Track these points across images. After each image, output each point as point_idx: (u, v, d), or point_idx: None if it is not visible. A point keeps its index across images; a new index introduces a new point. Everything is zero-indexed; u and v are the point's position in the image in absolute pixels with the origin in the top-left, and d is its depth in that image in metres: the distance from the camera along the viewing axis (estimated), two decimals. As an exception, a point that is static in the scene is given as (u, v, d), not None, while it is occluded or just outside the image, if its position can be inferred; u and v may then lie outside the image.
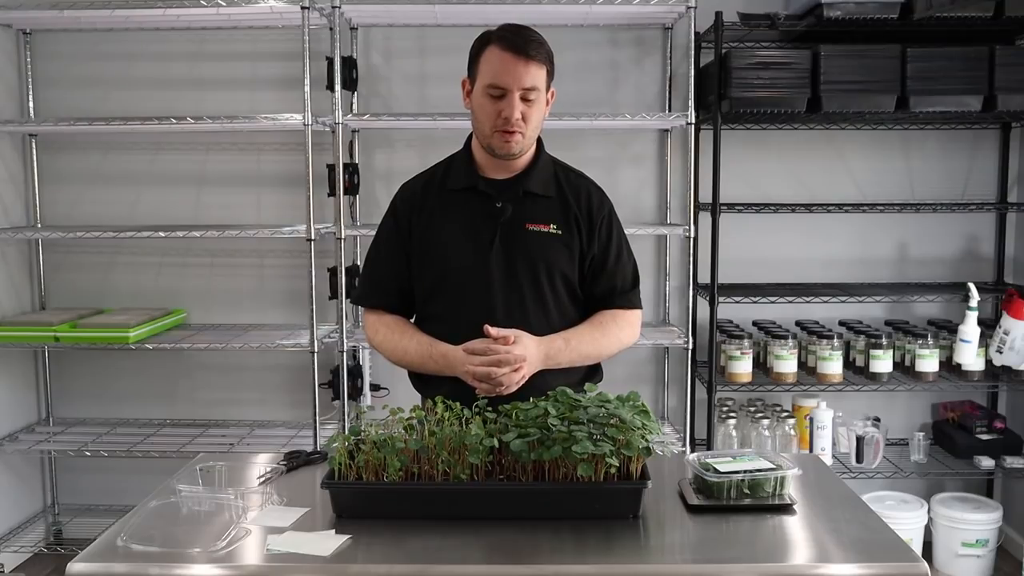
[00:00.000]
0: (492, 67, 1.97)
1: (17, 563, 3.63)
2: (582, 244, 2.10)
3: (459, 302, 2.05)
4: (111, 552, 1.56)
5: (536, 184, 2.09)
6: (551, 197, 2.10)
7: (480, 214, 2.07)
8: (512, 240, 2.06)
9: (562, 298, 2.10)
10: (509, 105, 1.97)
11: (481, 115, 2.02)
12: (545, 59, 2.00)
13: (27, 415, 3.74)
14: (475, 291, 2.04)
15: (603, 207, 2.14)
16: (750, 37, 3.49)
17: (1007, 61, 3.21)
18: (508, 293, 2.05)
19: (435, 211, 2.10)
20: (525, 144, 2.04)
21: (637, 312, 2.20)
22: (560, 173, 2.15)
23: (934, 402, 3.77)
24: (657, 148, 3.70)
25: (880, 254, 3.75)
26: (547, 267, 2.07)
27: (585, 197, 2.13)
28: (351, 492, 1.70)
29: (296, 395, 3.71)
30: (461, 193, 2.10)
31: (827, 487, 1.89)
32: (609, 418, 1.70)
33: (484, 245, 2.05)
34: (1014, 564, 3.61)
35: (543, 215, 2.08)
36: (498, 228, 2.06)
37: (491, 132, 2.01)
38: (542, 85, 2.01)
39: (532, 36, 2.00)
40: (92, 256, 3.77)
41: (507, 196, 2.07)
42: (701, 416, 3.49)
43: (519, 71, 1.95)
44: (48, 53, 3.67)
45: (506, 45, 1.97)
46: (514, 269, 2.05)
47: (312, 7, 3.20)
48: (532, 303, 2.06)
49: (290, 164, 3.64)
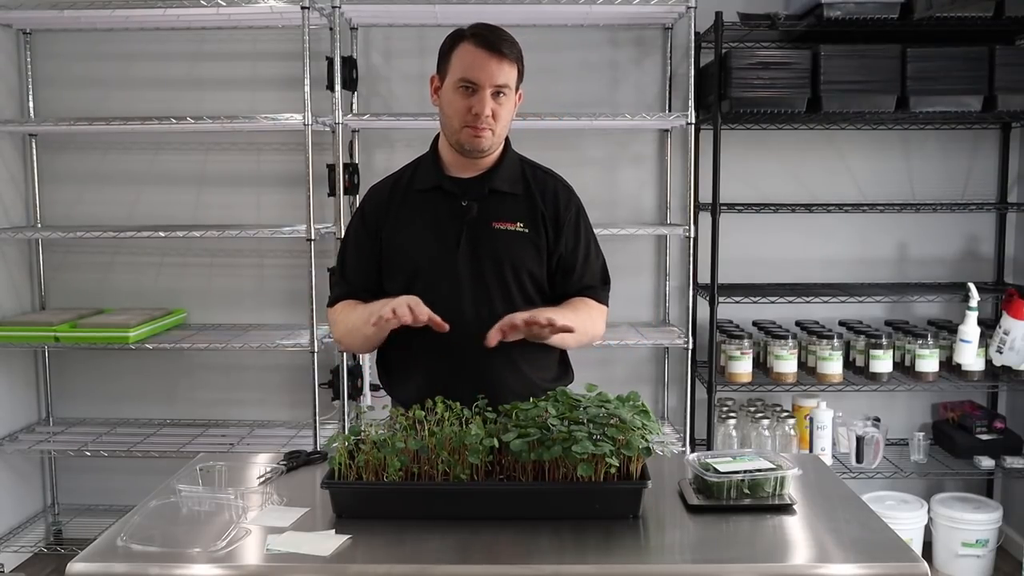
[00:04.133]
0: (464, 63, 1.98)
1: (17, 563, 3.63)
2: (549, 242, 2.08)
3: (428, 303, 2.01)
4: (111, 552, 1.56)
5: (502, 182, 2.08)
6: (518, 195, 2.09)
7: (446, 213, 2.06)
8: (478, 239, 2.05)
9: (531, 296, 2.08)
10: (480, 101, 1.96)
11: (450, 111, 2.01)
12: (516, 59, 2.01)
13: (27, 415, 3.74)
14: (443, 291, 2.03)
15: (571, 205, 2.13)
16: (750, 37, 3.49)
17: (1007, 61, 3.21)
18: (476, 292, 2.04)
19: (402, 212, 2.10)
20: (495, 141, 2.03)
21: (605, 308, 2.17)
22: (528, 171, 2.14)
23: (934, 402, 3.77)
24: (657, 148, 3.70)
25: (880, 254, 3.75)
26: (514, 266, 2.05)
27: (552, 195, 2.11)
28: (351, 492, 1.69)
29: (296, 395, 3.71)
30: (427, 193, 2.09)
31: (827, 487, 1.89)
32: (609, 418, 1.70)
33: (451, 245, 2.04)
34: (1014, 564, 3.61)
35: (509, 213, 2.07)
36: (464, 227, 2.05)
37: (460, 127, 2.00)
38: (513, 84, 2.01)
39: (505, 36, 2.01)
40: (92, 256, 3.77)
41: (473, 195, 2.06)
42: (701, 416, 3.49)
43: (492, 68, 1.96)
44: (48, 53, 3.67)
45: (479, 42, 1.97)
46: (481, 268, 2.04)
47: (312, 7, 3.20)
48: (500, 302, 2.04)
49: (290, 164, 3.64)
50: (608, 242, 2.41)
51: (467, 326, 1.99)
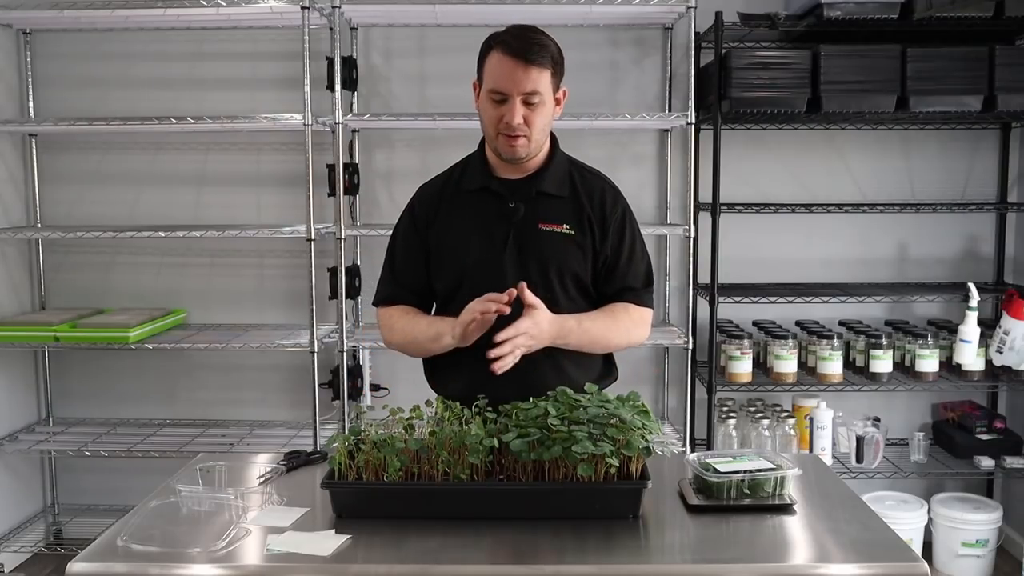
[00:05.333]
0: (494, 72, 1.97)
1: (17, 563, 3.63)
2: (595, 244, 2.09)
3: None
4: (111, 552, 1.56)
5: (549, 184, 2.09)
6: (564, 197, 2.09)
7: (493, 214, 2.07)
8: (525, 240, 2.05)
9: (575, 298, 2.09)
10: (510, 110, 1.96)
11: (486, 119, 2.02)
12: (549, 62, 1.98)
13: (27, 415, 3.74)
14: (490, 291, 2.02)
15: (617, 206, 2.13)
16: (750, 37, 3.49)
17: (1007, 61, 3.21)
18: None
19: (451, 212, 2.10)
20: (532, 148, 2.03)
21: (648, 311, 2.17)
22: (575, 172, 2.14)
23: (934, 402, 3.77)
24: (657, 148, 3.70)
25: (880, 254, 3.75)
26: (559, 268, 2.06)
27: (599, 196, 2.12)
28: (351, 492, 1.70)
29: (296, 395, 3.71)
30: (475, 194, 2.10)
31: (827, 487, 1.89)
32: (609, 418, 1.70)
33: (498, 245, 2.05)
34: (1014, 564, 3.61)
35: (556, 215, 2.07)
36: (511, 228, 2.05)
37: (495, 135, 2.01)
38: (545, 88, 1.98)
39: (535, 39, 1.98)
40: (92, 256, 3.77)
41: (520, 196, 2.07)
42: (701, 416, 3.49)
43: (519, 76, 1.95)
44: (48, 53, 3.67)
45: (507, 50, 1.96)
46: (527, 269, 2.04)
47: (312, 7, 3.20)
48: (545, 303, 2.03)
49: (290, 164, 3.64)
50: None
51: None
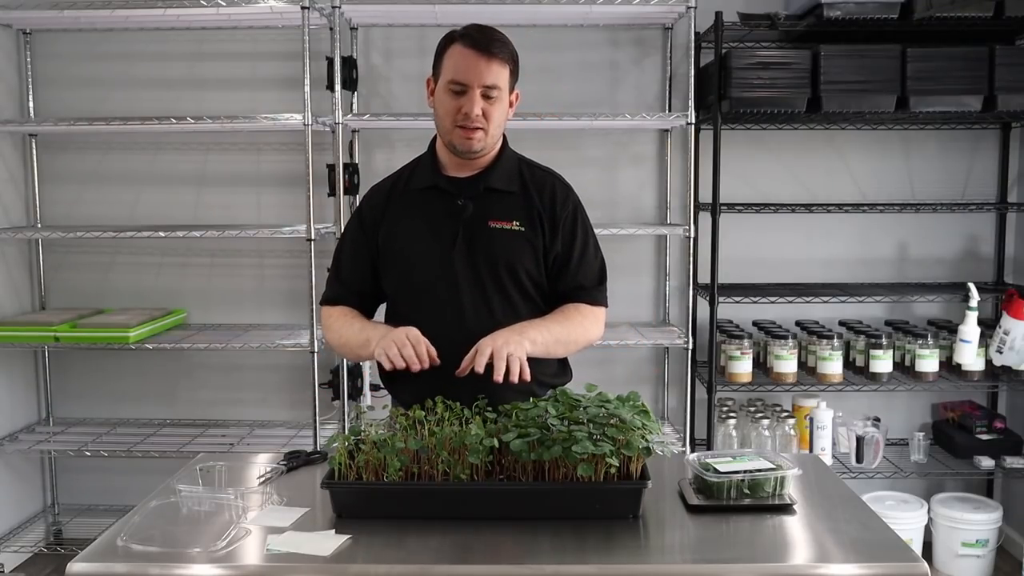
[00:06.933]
0: (454, 63, 1.98)
1: (17, 563, 3.63)
2: (545, 240, 2.08)
3: (426, 302, 2.03)
4: (111, 552, 1.56)
5: (498, 180, 2.08)
6: (514, 193, 2.09)
7: (442, 213, 2.06)
8: (474, 238, 2.05)
9: (529, 294, 2.08)
10: (469, 101, 1.97)
11: (442, 111, 2.02)
12: (508, 59, 2.00)
13: (27, 415, 3.74)
14: (441, 290, 2.04)
15: (568, 202, 2.11)
16: (750, 37, 3.49)
17: (1007, 61, 3.21)
18: (473, 291, 2.04)
19: (399, 211, 2.10)
20: (488, 142, 2.03)
21: (602, 309, 2.15)
22: (524, 169, 2.13)
23: (934, 402, 3.77)
24: (657, 148, 3.70)
25: (880, 254, 3.75)
26: (509, 264, 2.05)
27: (549, 192, 2.10)
28: (351, 492, 1.69)
29: (296, 395, 3.71)
30: (424, 192, 2.10)
31: (827, 487, 1.89)
32: (609, 418, 1.70)
33: (447, 244, 2.04)
34: (1014, 564, 3.61)
35: (506, 212, 2.06)
36: (460, 226, 2.05)
37: (451, 128, 2.01)
38: (504, 84, 2.00)
39: (496, 36, 2.00)
40: (92, 256, 3.77)
41: (469, 193, 2.06)
42: (701, 416, 3.49)
43: (480, 68, 1.96)
44: (48, 53, 3.67)
45: (468, 42, 1.98)
46: (477, 267, 2.04)
47: (312, 7, 3.20)
48: (498, 301, 2.04)
49: (290, 164, 3.64)
50: (608, 242, 2.41)
51: (466, 324, 1.99)
